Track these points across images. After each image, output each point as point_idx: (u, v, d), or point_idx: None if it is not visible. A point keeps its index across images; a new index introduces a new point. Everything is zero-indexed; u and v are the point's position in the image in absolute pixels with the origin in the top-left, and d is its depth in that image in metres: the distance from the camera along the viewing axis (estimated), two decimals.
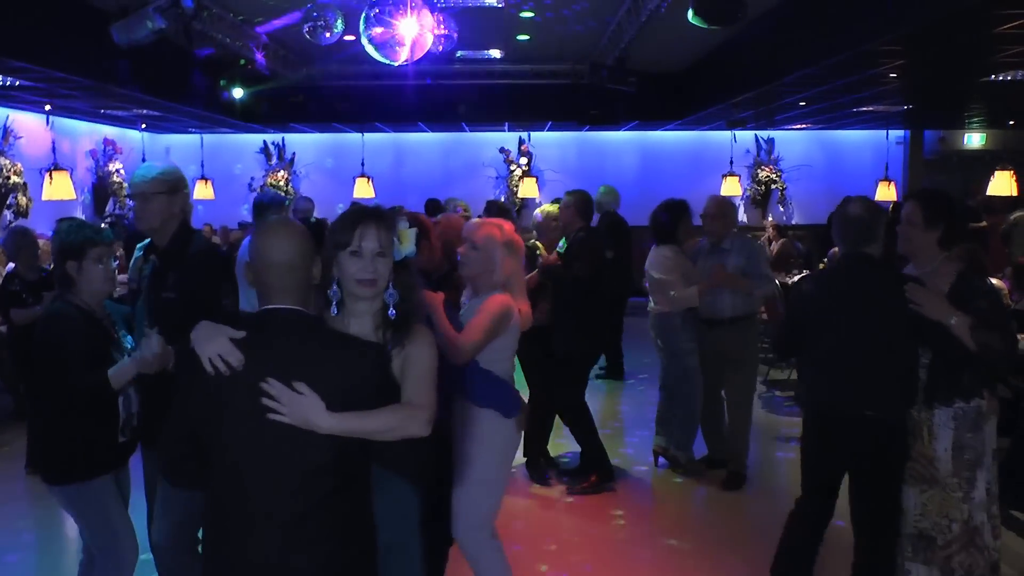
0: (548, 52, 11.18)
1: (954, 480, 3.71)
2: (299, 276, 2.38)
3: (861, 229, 3.87)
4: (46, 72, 8.20)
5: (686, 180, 14.52)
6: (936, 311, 3.53)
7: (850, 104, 11.45)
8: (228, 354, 2.28)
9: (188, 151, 15.33)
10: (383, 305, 2.62)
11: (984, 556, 3.73)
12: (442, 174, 15.52)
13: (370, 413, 2.29)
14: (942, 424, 3.71)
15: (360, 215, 2.64)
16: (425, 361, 2.55)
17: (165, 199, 3.70)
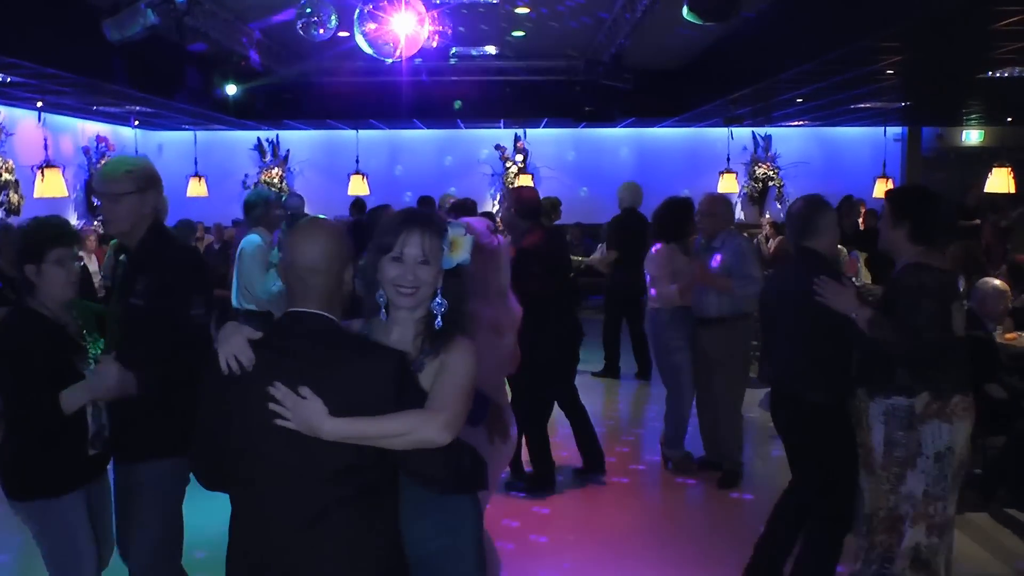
0: (544, 49, 11.14)
1: (883, 473, 3.87)
2: (323, 280, 2.34)
3: (800, 224, 4.14)
4: (37, 68, 8.14)
5: (683, 177, 14.47)
6: (841, 304, 3.77)
7: (847, 101, 11.42)
8: (241, 353, 2.28)
9: (182, 148, 15.29)
10: (428, 314, 2.48)
11: (893, 537, 3.89)
12: (437, 171, 15.48)
13: (381, 417, 2.21)
14: (875, 416, 3.87)
15: (406, 219, 2.51)
16: (459, 370, 2.38)
17: (135, 199, 3.38)
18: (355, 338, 2.42)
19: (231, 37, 8.91)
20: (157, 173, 3.52)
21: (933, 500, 3.84)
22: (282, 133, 15.55)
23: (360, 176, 14.63)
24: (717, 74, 10.92)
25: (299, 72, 11.25)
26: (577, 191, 14.96)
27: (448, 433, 2.25)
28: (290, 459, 2.22)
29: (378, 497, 2.31)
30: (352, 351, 2.32)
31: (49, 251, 3.25)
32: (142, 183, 3.39)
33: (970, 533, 5.36)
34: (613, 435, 7.32)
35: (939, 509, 3.86)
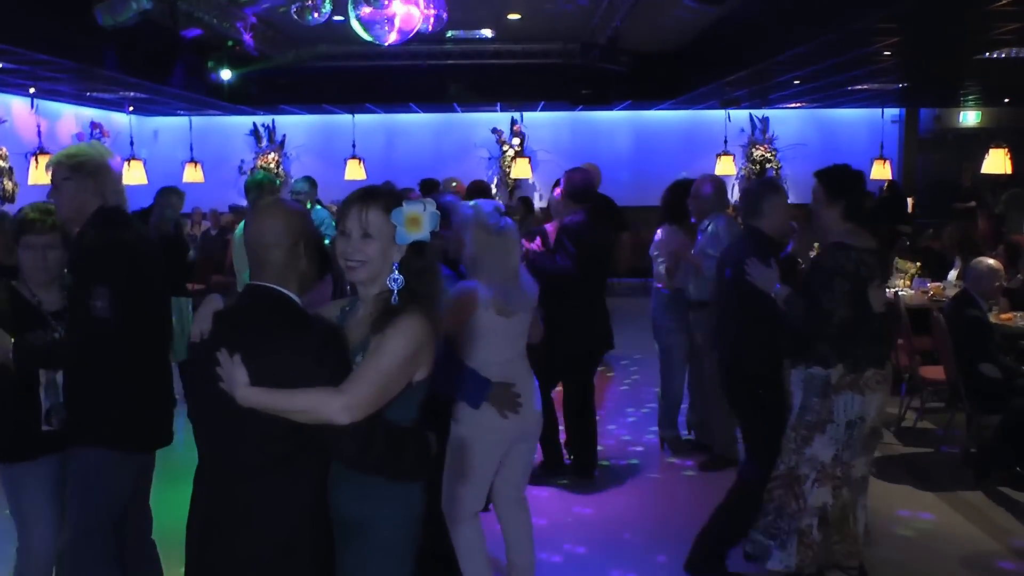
0: (539, 31, 11.09)
1: (792, 434, 4.18)
2: (277, 255, 2.45)
3: (748, 205, 4.45)
4: (29, 55, 8.09)
5: (680, 159, 14.43)
6: (763, 283, 4.08)
7: (844, 82, 11.37)
8: (203, 323, 2.48)
9: (177, 134, 15.24)
10: (386, 291, 2.51)
11: (797, 503, 4.16)
12: (434, 155, 15.42)
13: (290, 392, 2.31)
14: (795, 383, 4.21)
15: (351, 196, 2.58)
16: (386, 350, 2.38)
17: (72, 185, 3.36)
18: (295, 312, 2.47)
19: (225, 22, 8.86)
20: (104, 159, 3.44)
21: (841, 464, 4.15)
22: (278, 118, 15.51)
23: (357, 160, 14.60)
24: (714, 56, 10.88)
25: (294, 57, 11.20)
26: None
27: (348, 414, 2.28)
28: (222, 419, 2.41)
29: (297, 465, 2.41)
30: (286, 324, 2.43)
31: (23, 236, 3.44)
32: (79, 170, 3.37)
33: (964, 512, 5.40)
34: (610, 417, 7.34)
35: (846, 471, 4.17)
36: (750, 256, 4.19)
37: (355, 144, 14.95)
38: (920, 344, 6.91)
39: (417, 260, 2.52)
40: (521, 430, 3.76)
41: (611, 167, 14.49)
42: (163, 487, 4.10)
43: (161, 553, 3.80)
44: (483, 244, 3.64)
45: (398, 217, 2.49)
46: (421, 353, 2.47)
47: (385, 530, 2.53)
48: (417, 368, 2.48)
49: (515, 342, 3.78)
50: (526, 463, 3.98)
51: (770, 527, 4.33)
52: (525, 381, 3.79)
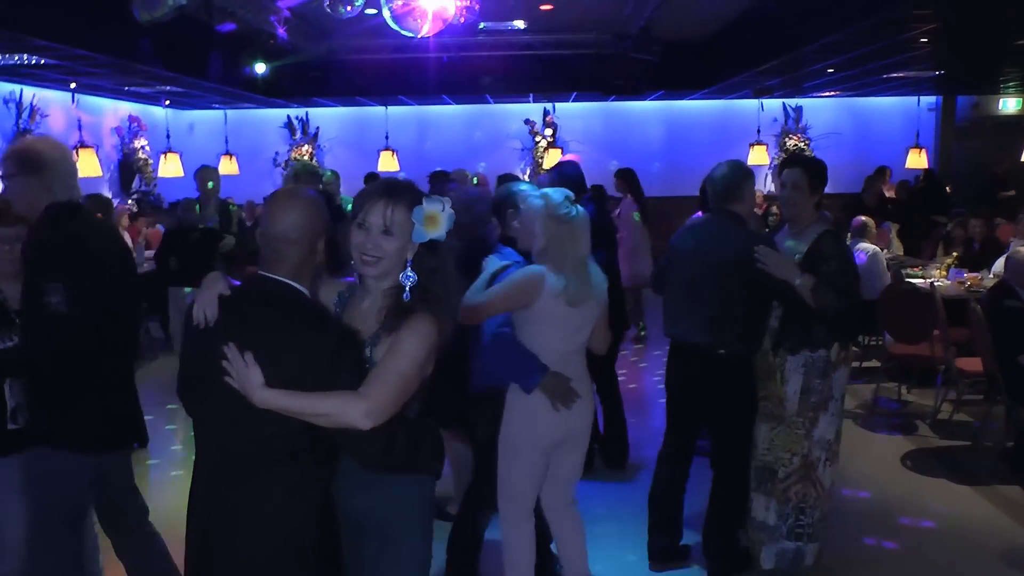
0: (572, 22, 11.06)
1: (799, 419, 4.24)
2: (294, 250, 2.39)
3: (725, 189, 4.25)
4: (69, 50, 8.22)
5: (713, 150, 14.30)
6: (781, 271, 3.98)
7: (879, 71, 11.25)
8: (208, 307, 2.37)
9: (212, 127, 15.38)
10: (397, 286, 2.49)
11: (816, 489, 4.30)
12: (466, 147, 15.46)
13: (308, 395, 2.26)
14: (793, 369, 4.23)
15: (372, 189, 2.55)
16: (405, 351, 2.36)
17: (20, 181, 3.32)
18: (310, 310, 2.42)
19: (259, 16, 8.93)
20: (49, 155, 3.35)
21: (838, 438, 4.37)
22: (311, 111, 15.59)
23: (390, 152, 14.67)
24: (746, 45, 10.81)
25: (328, 49, 11.26)
26: (606, 164, 14.87)
27: (370, 420, 2.26)
28: (228, 416, 2.33)
29: (303, 462, 2.37)
30: (301, 323, 2.36)
31: None
32: (27, 165, 3.32)
33: (1001, 506, 5.36)
34: (642, 406, 7.35)
35: (840, 444, 4.41)
36: (761, 246, 4.06)
37: (388, 136, 15.01)
38: (956, 335, 6.84)
39: (430, 258, 2.52)
40: (569, 427, 3.67)
41: (643, 158, 14.51)
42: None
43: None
44: (553, 233, 3.56)
45: (418, 215, 2.47)
46: (432, 353, 2.46)
47: (396, 527, 2.53)
48: (428, 368, 2.48)
49: (575, 335, 3.66)
50: (573, 467, 3.85)
51: (793, 529, 4.36)
52: (580, 379, 3.69)
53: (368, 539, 2.52)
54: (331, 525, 2.44)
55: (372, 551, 2.52)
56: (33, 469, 3.38)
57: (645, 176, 9.61)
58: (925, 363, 7.15)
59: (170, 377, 8.15)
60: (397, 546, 2.53)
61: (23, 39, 7.58)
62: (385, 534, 2.52)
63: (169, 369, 8.21)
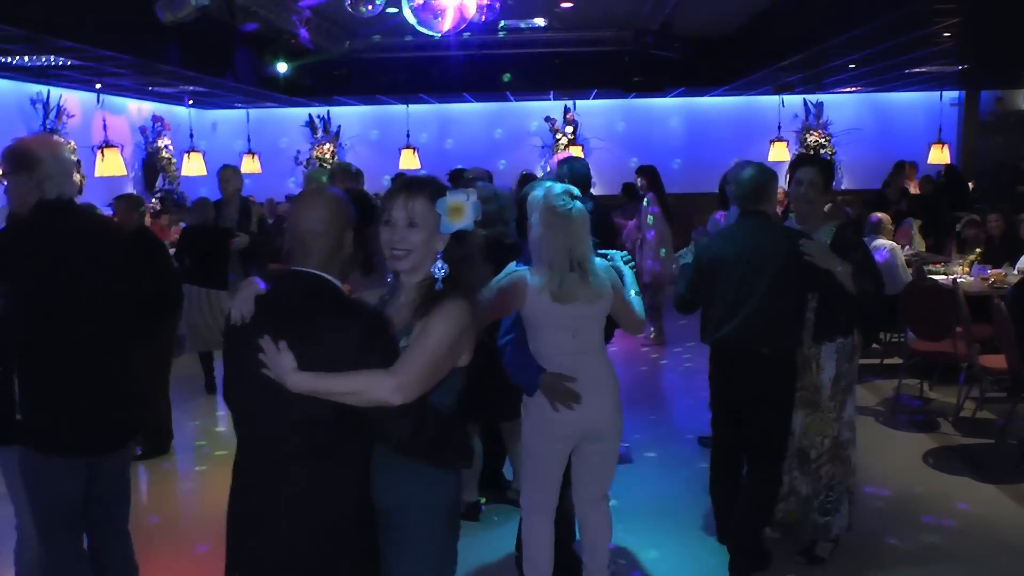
0: (592, 19, 11.07)
1: (831, 403, 4.48)
2: (321, 243, 2.46)
3: (754, 190, 4.34)
4: (94, 51, 8.32)
5: (733, 146, 14.31)
6: (825, 262, 4.09)
7: (901, 66, 11.20)
8: (244, 306, 2.46)
9: (235, 126, 15.49)
10: (429, 278, 2.56)
11: (845, 467, 4.54)
12: (487, 144, 15.50)
13: (339, 375, 2.31)
14: (827, 357, 4.45)
15: (393, 186, 2.64)
16: (434, 332, 2.41)
17: (12, 179, 3.35)
18: (338, 298, 2.49)
19: (281, 16, 8.99)
20: (36, 153, 3.36)
21: (855, 417, 4.62)
22: (333, 109, 15.67)
23: (411, 150, 14.73)
24: (767, 41, 10.79)
25: (349, 48, 11.32)
26: (627, 161, 14.89)
27: (400, 395, 2.30)
28: (265, 405, 2.40)
29: (340, 453, 2.42)
30: (330, 310, 2.43)
31: None
32: (18, 163, 3.35)
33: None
34: (661, 405, 7.36)
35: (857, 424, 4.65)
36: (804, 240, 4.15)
37: (409, 134, 15.07)
38: (980, 332, 6.81)
39: (459, 248, 2.58)
40: (585, 428, 3.64)
41: (664, 154, 14.51)
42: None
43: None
44: (548, 224, 3.53)
45: (442, 207, 2.53)
46: (464, 338, 2.50)
47: (413, 521, 2.55)
48: (460, 353, 2.52)
49: (580, 335, 3.62)
50: (600, 463, 3.81)
51: (824, 504, 4.54)
52: (595, 378, 3.64)
53: (387, 533, 2.54)
54: (370, 517, 2.50)
55: (389, 545, 2.54)
56: (25, 467, 3.40)
57: (666, 173, 9.60)
58: (948, 360, 7.11)
59: (188, 373, 8.23)
60: (412, 541, 2.55)
61: (50, 41, 7.69)
62: (402, 529, 2.54)
63: (186, 365, 8.32)
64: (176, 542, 4.98)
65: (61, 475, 3.39)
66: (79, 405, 3.36)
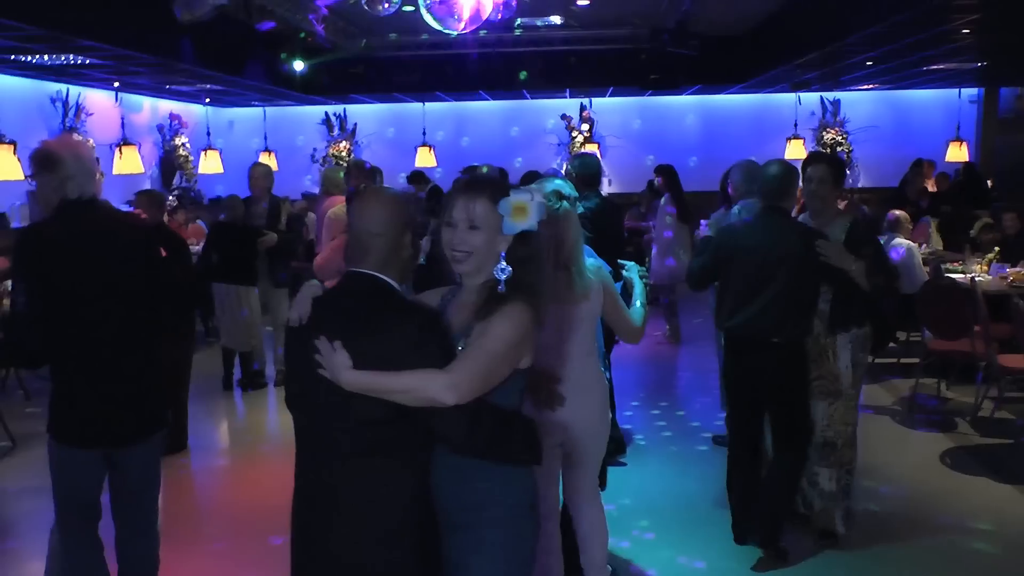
0: (608, 17, 11.05)
1: (852, 391, 4.64)
2: (379, 243, 2.45)
3: (778, 187, 4.50)
4: (113, 50, 8.36)
5: (750, 144, 14.27)
6: (841, 261, 4.27)
7: (920, 63, 11.12)
8: (301, 308, 2.49)
9: (251, 124, 15.55)
10: (493, 280, 2.52)
11: (855, 451, 4.74)
12: (503, 142, 15.50)
13: (393, 373, 2.29)
14: (843, 346, 4.58)
15: (455, 187, 2.60)
16: (492, 333, 2.39)
17: (39, 179, 3.46)
18: (394, 298, 2.48)
19: (298, 14, 9.02)
20: (58, 154, 3.43)
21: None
22: (349, 107, 15.70)
23: (427, 148, 14.76)
24: (784, 39, 10.74)
25: (365, 46, 11.35)
26: (643, 159, 14.87)
27: (453, 394, 2.27)
28: (324, 406, 2.40)
29: (400, 451, 2.41)
30: (384, 308, 2.42)
31: None
32: (42, 164, 3.44)
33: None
34: (675, 403, 7.35)
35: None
36: (820, 240, 4.32)
37: (425, 132, 15.09)
38: (998, 331, 6.77)
39: (523, 249, 2.53)
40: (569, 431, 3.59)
41: (680, 152, 14.48)
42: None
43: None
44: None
45: (505, 207, 2.50)
46: (525, 341, 2.47)
47: (484, 521, 2.52)
48: (522, 355, 2.48)
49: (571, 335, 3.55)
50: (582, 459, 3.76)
51: (844, 488, 4.73)
52: (581, 382, 3.57)
53: (456, 534, 2.52)
54: (429, 517, 2.48)
55: (458, 545, 2.52)
56: (49, 456, 3.52)
57: (682, 171, 9.59)
58: (965, 359, 7.07)
59: (211, 369, 8.28)
60: (483, 541, 2.52)
61: (69, 40, 7.74)
62: (473, 529, 2.51)
63: (210, 361, 8.37)
64: (192, 539, 5.01)
65: (78, 466, 3.49)
66: (96, 398, 3.44)
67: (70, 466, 3.49)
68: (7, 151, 9.25)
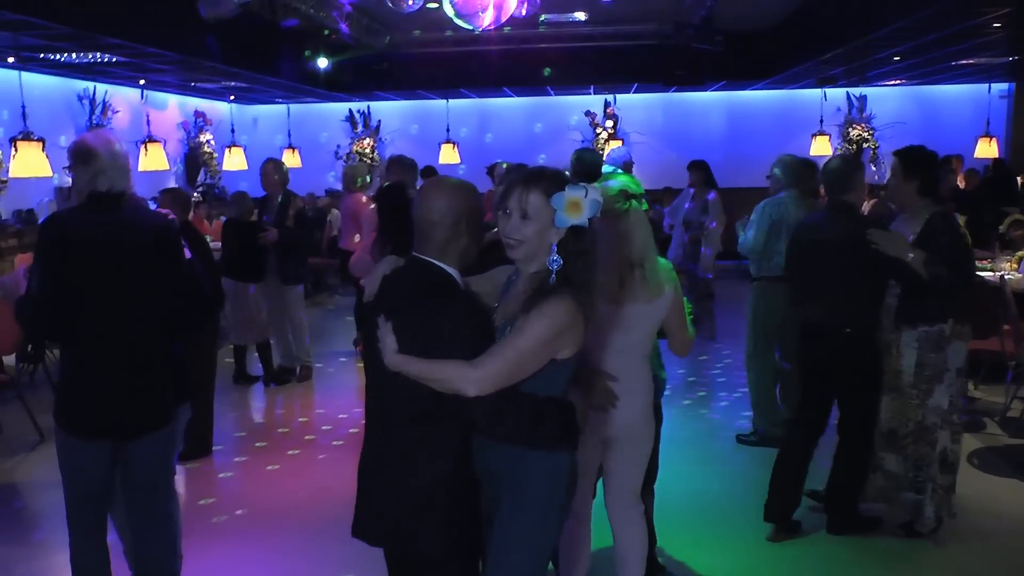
0: (633, 13, 11.01)
1: (912, 391, 4.58)
2: (438, 232, 2.59)
3: (839, 181, 4.66)
4: (139, 48, 8.43)
5: (775, 140, 14.19)
6: (893, 249, 4.30)
7: (948, 57, 11.01)
8: (372, 284, 2.71)
9: (275, 121, 15.63)
10: (544, 270, 2.61)
11: (934, 450, 4.58)
12: (527, 139, 15.48)
13: (429, 361, 2.48)
14: (907, 344, 4.55)
15: (514, 176, 2.68)
16: (526, 329, 2.49)
17: (74, 171, 3.55)
18: (440, 285, 2.60)
19: (321, 11, 9.04)
20: (91, 147, 3.49)
21: (956, 409, 4.61)
22: (373, 104, 15.74)
23: (451, 145, 14.76)
24: (809, 34, 10.66)
25: (389, 43, 11.36)
26: (667, 156, 14.81)
27: (475, 388, 2.44)
28: (384, 373, 2.57)
29: (439, 427, 2.60)
30: (428, 295, 2.58)
31: None
32: (77, 157, 3.51)
33: None
34: (702, 401, 7.30)
35: (960, 417, 4.66)
36: (872, 229, 4.39)
37: (449, 128, 15.10)
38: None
39: (575, 243, 2.60)
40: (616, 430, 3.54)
41: (704, 149, 14.36)
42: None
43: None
44: (604, 226, 3.34)
45: (559, 201, 2.55)
46: (566, 334, 2.54)
47: (512, 499, 2.62)
48: (560, 348, 2.56)
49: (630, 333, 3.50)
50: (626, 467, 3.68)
51: (914, 481, 4.68)
52: (633, 380, 3.51)
53: (501, 495, 2.64)
54: (465, 485, 2.64)
55: (503, 506, 2.64)
56: (57, 445, 3.58)
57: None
58: (994, 358, 6.98)
59: (226, 365, 8.20)
60: (511, 518, 2.63)
61: (96, 38, 7.80)
62: (514, 494, 2.63)
63: (225, 357, 8.39)
64: (214, 532, 5.03)
65: (83, 456, 3.53)
66: (101, 389, 3.47)
67: (74, 456, 3.54)
68: (36, 148, 9.33)
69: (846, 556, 4.60)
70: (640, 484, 3.76)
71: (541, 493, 2.63)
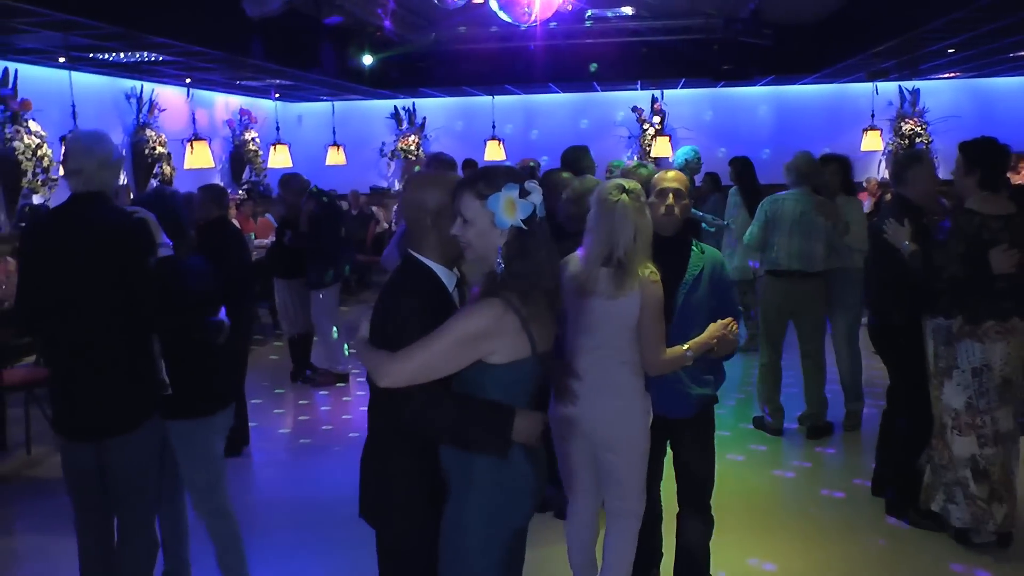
0: (680, 7, 10.87)
1: (935, 380, 4.67)
2: (417, 226, 2.71)
3: (893, 174, 5.03)
4: (185, 47, 8.48)
5: (824, 135, 13.95)
6: (894, 239, 4.60)
7: (1005, 49, 10.73)
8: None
9: (320, 118, 15.68)
10: (492, 272, 2.60)
11: (947, 453, 4.60)
12: (572, 135, 15.35)
13: (369, 350, 2.59)
14: (927, 333, 4.68)
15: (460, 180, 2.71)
16: (443, 331, 2.48)
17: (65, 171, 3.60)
18: (409, 277, 2.70)
19: (366, 8, 9.04)
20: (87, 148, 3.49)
21: (979, 413, 4.50)
22: (418, 101, 15.73)
23: (496, 141, 14.70)
24: (860, 26, 10.45)
25: (433, 40, 11.33)
26: (715, 152, 14.63)
27: (386, 380, 2.49)
28: None
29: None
30: (394, 286, 2.70)
31: None
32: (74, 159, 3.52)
33: None
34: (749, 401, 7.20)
35: (987, 422, 4.50)
36: (889, 219, 4.68)
37: (494, 125, 15.05)
38: None
39: (515, 245, 2.55)
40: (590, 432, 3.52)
41: (753, 144, 14.20)
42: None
43: None
44: (594, 216, 3.43)
45: (495, 203, 2.53)
46: (493, 337, 2.50)
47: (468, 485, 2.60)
48: (489, 351, 2.51)
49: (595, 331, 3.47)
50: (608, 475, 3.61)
51: (937, 484, 4.70)
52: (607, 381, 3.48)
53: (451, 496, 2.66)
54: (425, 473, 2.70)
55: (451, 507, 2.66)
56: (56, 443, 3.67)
57: (754, 163, 9.36)
58: None
59: (277, 362, 8.37)
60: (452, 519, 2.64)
61: (143, 38, 7.87)
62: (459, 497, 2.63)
63: (277, 354, 8.43)
64: (253, 530, 5.01)
65: (72, 457, 3.61)
66: (68, 388, 3.51)
67: (66, 456, 3.64)
68: None
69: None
70: (632, 492, 3.62)
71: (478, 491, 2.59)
